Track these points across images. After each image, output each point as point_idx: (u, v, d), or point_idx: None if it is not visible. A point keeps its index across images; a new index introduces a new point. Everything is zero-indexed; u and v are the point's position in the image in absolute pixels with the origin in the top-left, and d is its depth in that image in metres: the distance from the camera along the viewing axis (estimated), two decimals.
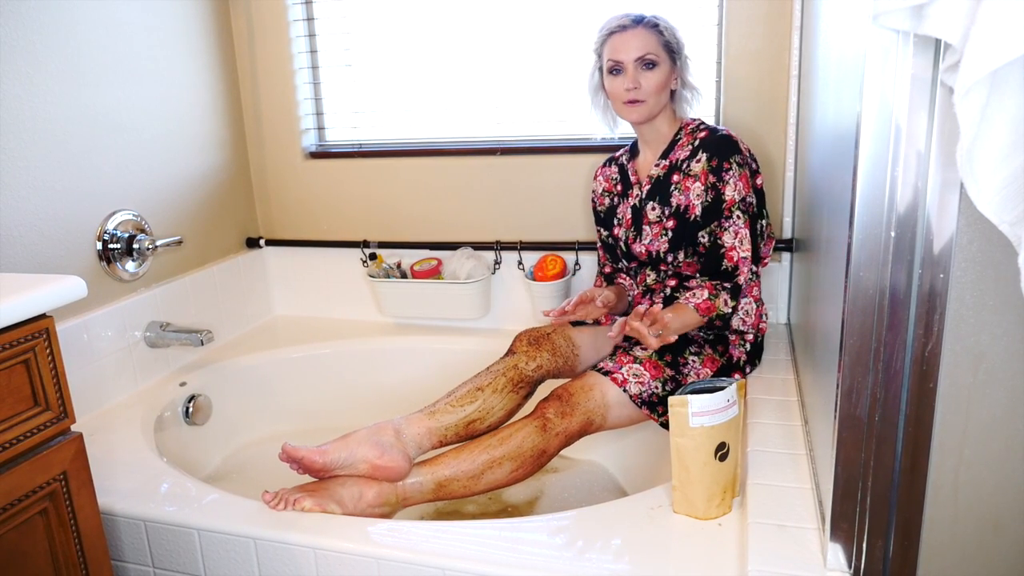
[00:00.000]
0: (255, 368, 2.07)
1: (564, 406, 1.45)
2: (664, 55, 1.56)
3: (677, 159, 1.61)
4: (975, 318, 0.86)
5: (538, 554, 1.16)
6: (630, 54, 1.55)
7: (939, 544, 0.93)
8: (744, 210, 1.54)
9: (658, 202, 1.62)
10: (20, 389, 1.05)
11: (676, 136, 1.64)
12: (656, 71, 1.55)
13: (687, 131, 1.63)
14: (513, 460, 1.40)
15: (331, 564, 1.21)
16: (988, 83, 0.68)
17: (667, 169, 1.63)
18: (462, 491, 1.39)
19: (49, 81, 1.63)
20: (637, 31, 1.55)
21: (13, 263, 1.56)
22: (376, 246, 2.22)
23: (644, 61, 1.55)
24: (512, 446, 1.40)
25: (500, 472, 1.40)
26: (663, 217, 1.61)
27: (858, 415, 0.91)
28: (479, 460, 1.39)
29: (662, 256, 1.62)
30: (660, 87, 1.57)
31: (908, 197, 0.84)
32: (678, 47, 1.59)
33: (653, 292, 1.68)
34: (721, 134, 1.58)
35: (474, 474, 1.39)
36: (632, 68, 1.55)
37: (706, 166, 1.56)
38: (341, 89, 2.23)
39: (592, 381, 1.49)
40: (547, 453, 1.44)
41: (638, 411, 1.50)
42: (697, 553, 1.13)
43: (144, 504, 1.34)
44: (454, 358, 2.10)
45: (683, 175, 1.59)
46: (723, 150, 1.55)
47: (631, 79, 1.55)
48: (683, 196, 1.58)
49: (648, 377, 1.50)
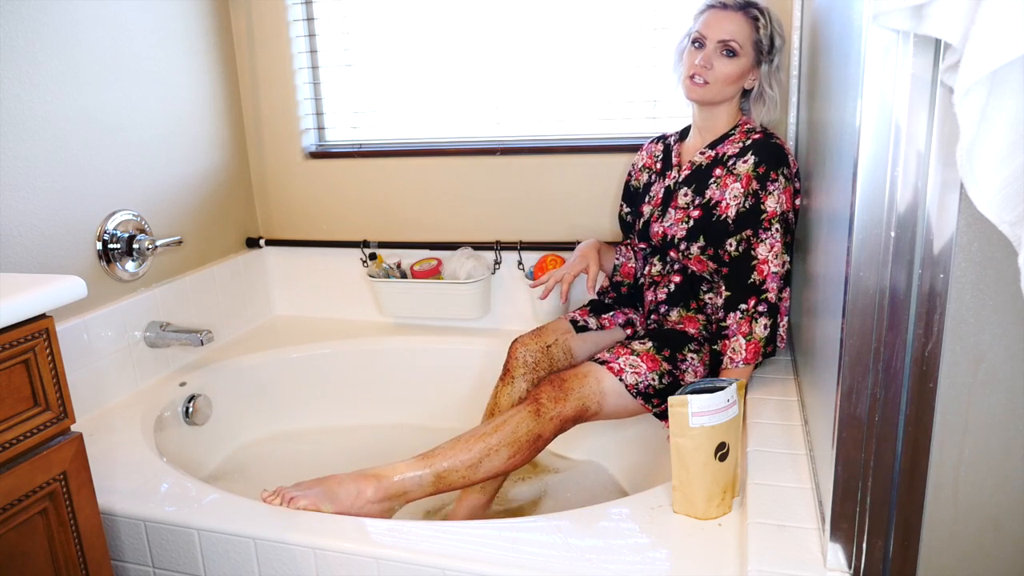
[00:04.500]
0: (255, 368, 2.07)
1: (558, 391, 1.45)
2: (750, 50, 1.52)
3: (724, 153, 1.57)
4: (975, 318, 0.85)
5: (538, 554, 1.16)
6: (716, 33, 1.51)
7: (939, 544, 0.93)
8: (783, 225, 1.50)
9: (692, 190, 1.59)
10: (20, 389, 1.05)
11: (730, 131, 1.60)
12: (734, 61, 1.52)
13: (742, 129, 1.59)
14: (509, 446, 1.40)
15: (331, 564, 1.21)
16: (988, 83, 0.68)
17: (711, 160, 1.59)
18: (461, 481, 1.39)
19: (49, 81, 1.63)
20: (735, 15, 1.51)
21: (13, 263, 1.56)
22: (376, 246, 2.22)
23: (726, 46, 1.51)
24: (507, 432, 1.41)
25: (498, 459, 1.40)
26: (691, 205, 1.58)
27: (858, 415, 0.91)
28: (475, 449, 1.39)
29: (675, 242, 1.59)
30: (731, 78, 1.53)
31: (908, 197, 0.83)
32: (770, 49, 1.54)
33: (657, 285, 1.67)
34: (775, 141, 1.54)
35: (472, 463, 1.39)
36: (712, 48, 1.52)
37: (752, 170, 1.51)
38: (341, 89, 2.23)
39: (587, 369, 1.50)
40: (543, 438, 1.44)
41: (634, 401, 1.50)
42: (697, 553, 1.13)
43: (144, 504, 1.34)
44: (454, 358, 2.11)
45: (726, 171, 1.55)
46: (773, 159, 1.51)
47: (706, 58, 1.52)
48: (719, 192, 1.54)
49: (645, 369, 1.50)
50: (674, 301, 1.63)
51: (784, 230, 1.51)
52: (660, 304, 1.65)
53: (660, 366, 1.52)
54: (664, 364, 1.52)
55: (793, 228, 1.55)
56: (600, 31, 1.96)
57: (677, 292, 1.63)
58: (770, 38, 1.53)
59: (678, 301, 1.63)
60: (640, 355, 1.52)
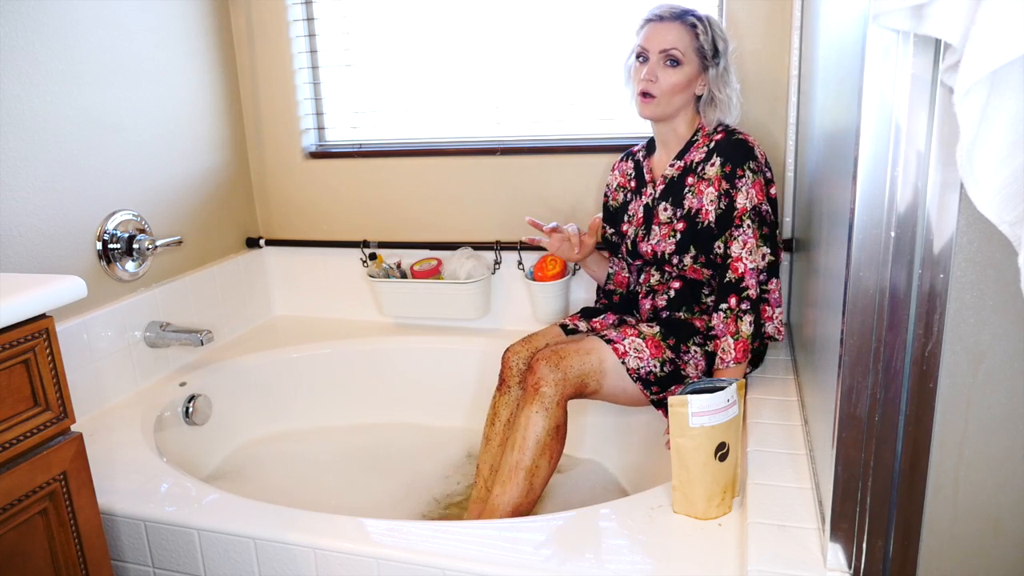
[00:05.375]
0: (255, 368, 2.07)
1: (555, 370, 1.47)
2: (693, 57, 1.53)
3: (692, 161, 1.58)
4: (975, 318, 0.86)
5: (538, 554, 1.16)
6: (657, 44, 1.52)
7: (939, 544, 0.93)
8: (755, 219, 1.50)
9: (670, 203, 1.60)
10: (20, 389, 1.05)
11: (693, 137, 1.60)
12: (678, 71, 1.52)
13: (704, 132, 1.59)
14: (542, 453, 1.46)
15: (331, 564, 1.21)
16: (988, 83, 0.68)
17: (681, 170, 1.60)
18: (529, 506, 1.47)
19: (49, 81, 1.63)
20: (672, 25, 1.52)
21: (13, 263, 1.56)
22: (376, 246, 2.22)
23: (668, 56, 1.52)
24: (531, 444, 1.45)
25: (543, 470, 1.47)
26: (674, 219, 1.59)
27: (858, 415, 0.91)
28: (520, 478, 1.45)
29: (667, 257, 1.60)
30: (678, 88, 1.54)
31: (908, 197, 0.84)
32: (713, 54, 1.54)
33: (656, 293, 1.67)
34: (737, 138, 1.54)
35: (528, 489, 1.46)
36: (655, 59, 1.53)
37: (720, 171, 1.52)
38: (341, 89, 2.23)
39: (591, 345, 1.52)
40: (560, 427, 1.48)
41: (633, 386, 1.51)
42: (697, 553, 1.13)
43: (144, 504, 1.34)
44: (454, 358, 2.10)
45: (697, 178, 1.56)
46: (737, 155, 1.52)
47: (650, 70, 1.53)
48: (696, 200, 1.56)
49: (648, 355, 1.51)
50: (676, 306, 1.64)
51: (759, 223, 1.51)
52: (661, 311, 1.65)
53: (663, 353, 1.52)
54: (668, 352, 1.53)
55: (770, 219, 1.55)
56: (600, 31, 1.96)
57: (678, 297, 1.63)
58: (712, 43, 1.53)
59: (680, 305, 1.63)
60: (646, 339, 1.53)
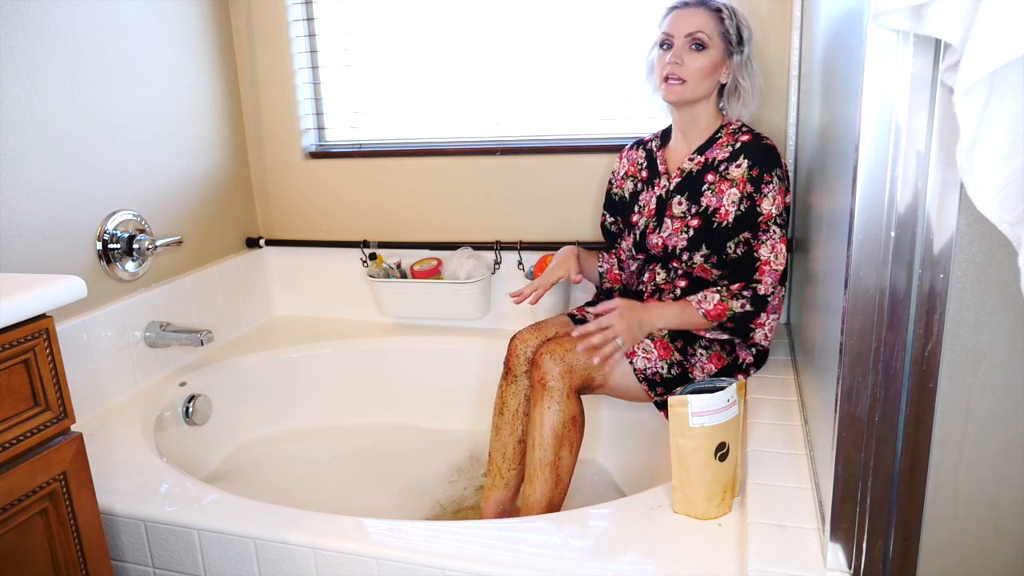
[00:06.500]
0: (255, 368, 2.07)
1: (560, 363, 1.47)
2: (719, 42, 1.52)
3: (714, 158, 1.57)
4: (975, 318, 0.86)
5: (538, 554, 1.16)
6: (682, 29, 1.52)
7: (939, 544, 0.93)
8: (780, 225, 1.50)
9: (686, 198, 1.58)
10: (20, 389, 1.05)
11: (716, 133, 1.59)
12: (704, 54, 1.52)
13: (728, 131, 1.58)
14: (562, 446, 1.47)
15: (331, 564, 1.21)
16: (988, 83, 0.68)
17: (702, 166, 1.58)
18: (560, 496, 1.48)
19: (49, 81, 1.63)
20: (697, 10, 1.52)
21: (13, 263, 1.56)
22: (376, 246, 2.22)
23: (694, 39, 1.51)
24: (549, 440, 1.46)
25: (566, 461, 1.48)
26: (688, 214, 1.57)
27: (858, 415, 0.91)
28: (547, 473, 1.46)
29: (677, 253, 1.59)
30: (705, 72, 1.52)
31: (908, 197, 0.84)
32: (738, 40, 1.54)
33: (662, 292, 1.65)
34: (766, 143, 1.53)
35: (556, 481, 1.47)
36: (680, 44, 1.52)
37: (746, 174, 1.51)
38: (341, 89, 2.23)
39: None
40: (576, 417, 1.49)
41: (638, 385, 1.51)
42: (697, 553, 1.13)
43: (144, 504, 1.34)
44: (454, 358, 2.10)
45: (719, 177, 1.54)
46: (767, 161, 1.51)
47: (676, 54, 1.52)
48: (715, 198, 1.54)
49: (656, 356, 1.51)
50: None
51: (781, 229, 1.51)
52: None
53: (671, 355, 1.52)
54: (676, 355, 1.53)
55: (785, 225, 1.55)
56: (599, 31, 1.96)
57: (684, 297, 1.63)
58: (737, 29, 1.53)
59: None
60: (655, 340, 1.53)
